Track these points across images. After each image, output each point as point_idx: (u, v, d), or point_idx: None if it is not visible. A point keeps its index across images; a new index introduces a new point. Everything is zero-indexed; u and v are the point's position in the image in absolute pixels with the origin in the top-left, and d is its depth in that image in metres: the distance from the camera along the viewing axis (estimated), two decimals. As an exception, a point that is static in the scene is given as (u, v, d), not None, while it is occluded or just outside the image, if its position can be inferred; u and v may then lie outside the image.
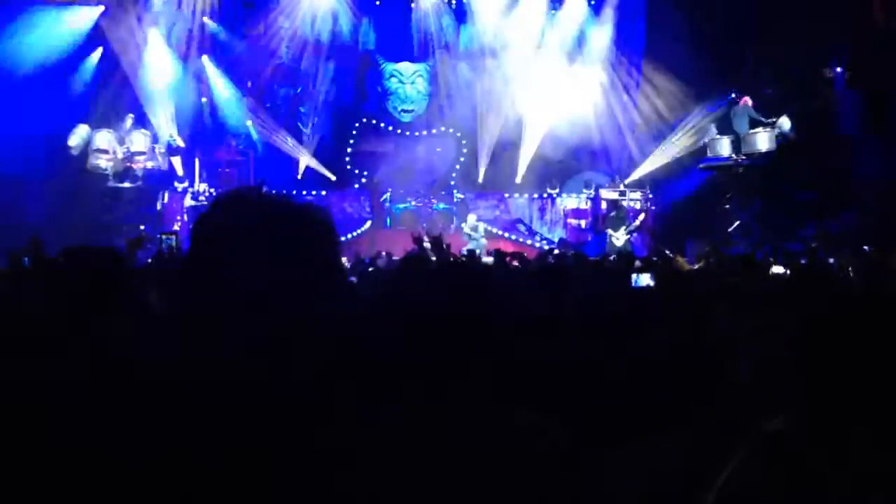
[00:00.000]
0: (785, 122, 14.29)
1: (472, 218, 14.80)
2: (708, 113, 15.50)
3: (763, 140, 14.55)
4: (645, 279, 4.94)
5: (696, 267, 8.02)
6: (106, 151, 13.97)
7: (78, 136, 13.86)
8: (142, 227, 13.97)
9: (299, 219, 1.11)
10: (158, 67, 14.72)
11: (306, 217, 1.12)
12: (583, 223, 16.27)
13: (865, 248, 9.87)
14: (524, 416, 1.44)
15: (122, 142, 14.19)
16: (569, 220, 16.39)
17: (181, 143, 14.74)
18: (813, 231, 12.86)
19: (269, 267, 1.06)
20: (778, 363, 1.33)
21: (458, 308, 1.45)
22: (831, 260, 8.90)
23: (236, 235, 1.08)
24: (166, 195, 14.78)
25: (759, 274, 5.15)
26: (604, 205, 15.59)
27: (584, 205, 16.37)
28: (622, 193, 15.64)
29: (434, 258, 5.81)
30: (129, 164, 14.20)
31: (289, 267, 1.07)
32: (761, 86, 14.79)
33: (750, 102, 14.78)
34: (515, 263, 8.14)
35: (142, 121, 14.56)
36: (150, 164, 14.38)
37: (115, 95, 14.43)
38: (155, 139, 14.52)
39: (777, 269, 7.60)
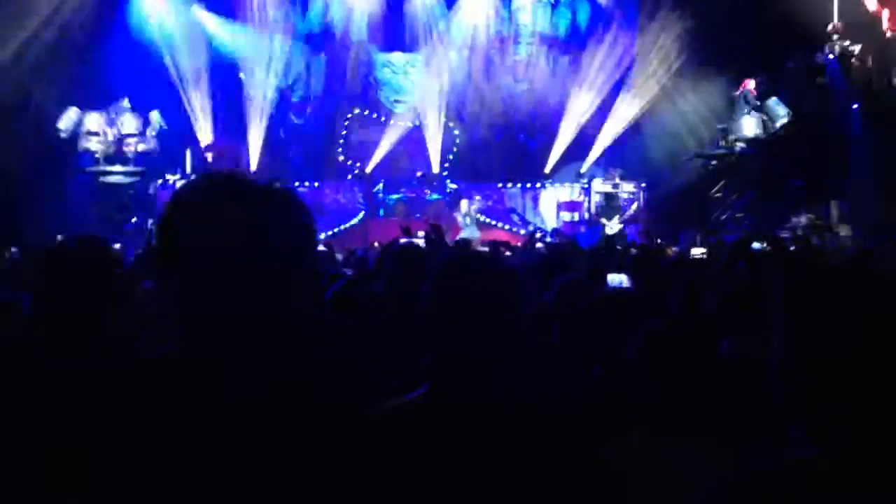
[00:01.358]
0: (775, 106, 14.18)
1: (464, 204, 14.82)
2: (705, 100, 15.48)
3: (749, 125, 14.42)
4: (621, 279, 4.60)
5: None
6: (97, 133, 13.80)
7: (68, 119, 13.73)
8: (133, 220, 13.88)
9: (266, 196, 1.06)
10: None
11: (275, 195, 1.07)
12: (576, 216, 16.23)
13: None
14: (540, 410, 1.45)
15: (112, 124, 14.07)
16: (561, 213, 16.33)
17: (164, 126, 14.58)
18: (804, 218, 12.87)
19: (238, 252, 1.01)
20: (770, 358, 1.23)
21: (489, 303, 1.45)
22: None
23: (199, 217, 1.02)
24: (158, 183, 14.69)
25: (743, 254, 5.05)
26: (597, 196, 15.58)
27: (578, 196, 16.34)
28: (615, 185, 15.61)
29: (426, 247, 5.80)
30: (119, 146, 14.07)
31: (263, 248, 1.02)
32: (756, 73, 14.73)
33: (751, 86, 14.64)
34: (507, 254, 8.17)
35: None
36: (141, 147, 14.18)
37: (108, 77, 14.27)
38: (146, 121, 14.35)
39: (756, 245, 7.60)
